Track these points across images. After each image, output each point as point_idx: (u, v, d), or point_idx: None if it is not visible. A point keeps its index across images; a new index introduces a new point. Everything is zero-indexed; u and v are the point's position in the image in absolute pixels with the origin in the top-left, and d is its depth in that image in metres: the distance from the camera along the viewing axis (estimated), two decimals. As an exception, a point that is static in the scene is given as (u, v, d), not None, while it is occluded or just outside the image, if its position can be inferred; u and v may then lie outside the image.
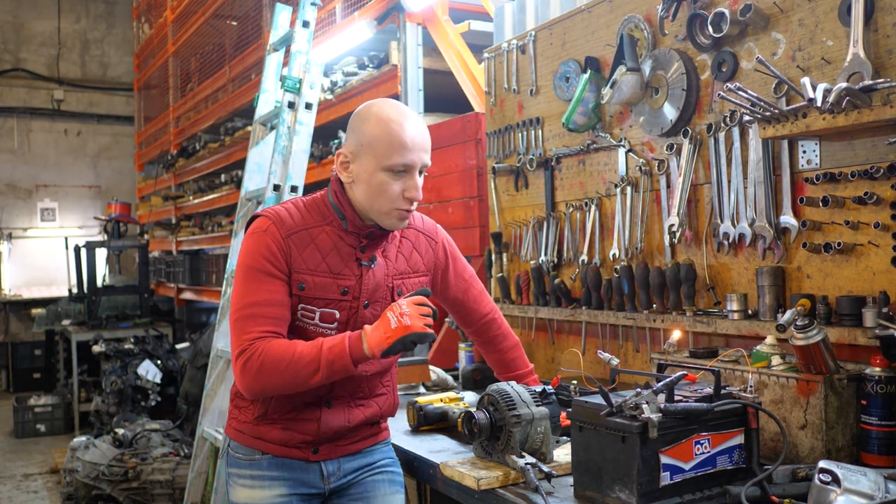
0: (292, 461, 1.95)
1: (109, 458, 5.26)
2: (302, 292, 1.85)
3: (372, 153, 1.83)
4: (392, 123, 1.83)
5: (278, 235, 1.85)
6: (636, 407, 1.53)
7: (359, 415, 1.97)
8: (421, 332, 1.73)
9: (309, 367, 1.74)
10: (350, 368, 1.76)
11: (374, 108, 1.88)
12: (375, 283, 1.92)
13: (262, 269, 1.83)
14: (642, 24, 2.55)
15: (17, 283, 11.77)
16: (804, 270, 2.09)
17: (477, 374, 2.80)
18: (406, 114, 1.87)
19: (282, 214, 1.89)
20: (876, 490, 1.40)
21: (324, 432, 1.93)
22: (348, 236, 1.90)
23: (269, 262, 1.83)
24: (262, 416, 1.92)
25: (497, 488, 1.75)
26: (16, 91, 11.84)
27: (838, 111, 1.83)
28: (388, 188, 1.83)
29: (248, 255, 1.86)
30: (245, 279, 1.84)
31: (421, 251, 2.04)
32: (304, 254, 1.86)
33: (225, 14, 7.32)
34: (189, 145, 8.40)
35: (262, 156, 3.70)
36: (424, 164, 1.87)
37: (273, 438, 1.93)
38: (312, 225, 1.89)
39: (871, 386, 1.71)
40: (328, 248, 1.88)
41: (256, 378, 1.76)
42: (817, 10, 2.01)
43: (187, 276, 8.23)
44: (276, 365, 1.75)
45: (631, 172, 2.63)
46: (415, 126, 1.86)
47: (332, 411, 1.93)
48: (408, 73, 4.28)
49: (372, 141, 1.83)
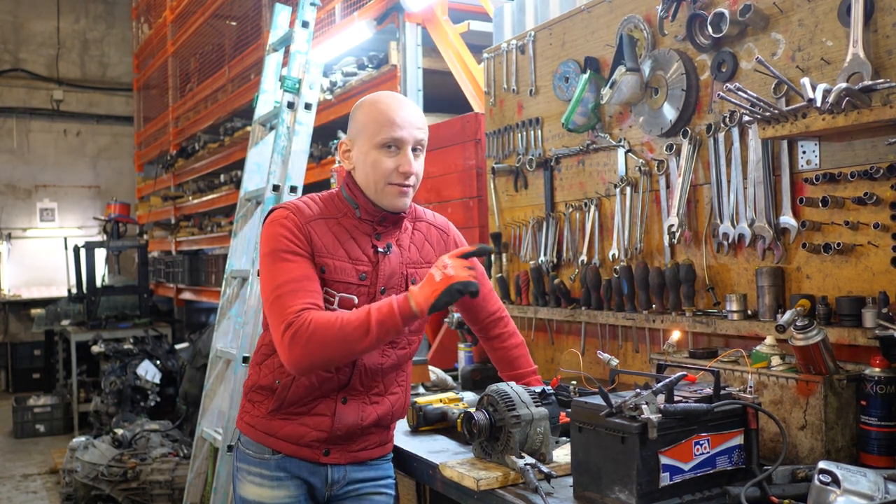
0: (300, 462, 1.96)
1: (109, 458, 5.26)
2: (323, 275, 1.90)
3: (365, 134, 1.93)
4: (381, 104, 1.94)
5: (298, 222, 1.90)
6: (636, 407, 1.53)
7: (372, 413, 1.99)
8: (466, 280, 1.73)
9: (359, 330, 1.75)
10: (399, 327, 1.76)
11: (369, 96, 2.01)
12: (391, 270, 1.97)
13: (289, 249, 1.87)
14: (642, 24, 2.55)
15: (16, 284, 11.77)
16: (804, 271, 2.09)
17: (476, 374, 2.80)
18: (397, 97, 1.97)
19: (299, 205, 1.96)
20: (875, 491, 1.40)
21: (337, 428, 1.94)
22: (363, 224, 1.97)
23: (293, 243, 1.88)
24: (277, 409, 1.94)
25: (496, 489, 1.75)
26: (15, 91, 11.84)
27: (838, 111, 1.83)
28: (382, 164, 1.91)
29: (272, 240, 1.89)
30: (274, 262, 1.87)
31: (433, 243, 2.09)
32: (323, 239, 1.91)
33: (224, 14, 7.32)
34: (188, 145, 8.40)
35: (261, 156, 3.70)
36: (417, 140, 1.94)
37: (285, 435, 1.94)
38: (329, 216, 1.96)
39: (871, 386, 1.71)
40: (345, 236, 1.94)
41: (306, 348, 1.76)
42: (817, 10, 2.01)
43: (186, 276, 8.23)
44: (327, 331, 1.75)
45: (630, 173, 2.63)
46: (406, 106, 1.95)
47: (347, 407, 1.95)
48: (407, 73, 4.28)
49: (364, 124, 1.94)
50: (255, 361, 2.05)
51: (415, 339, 2.07)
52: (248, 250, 3.54)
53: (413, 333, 2.05)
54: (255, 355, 2.06)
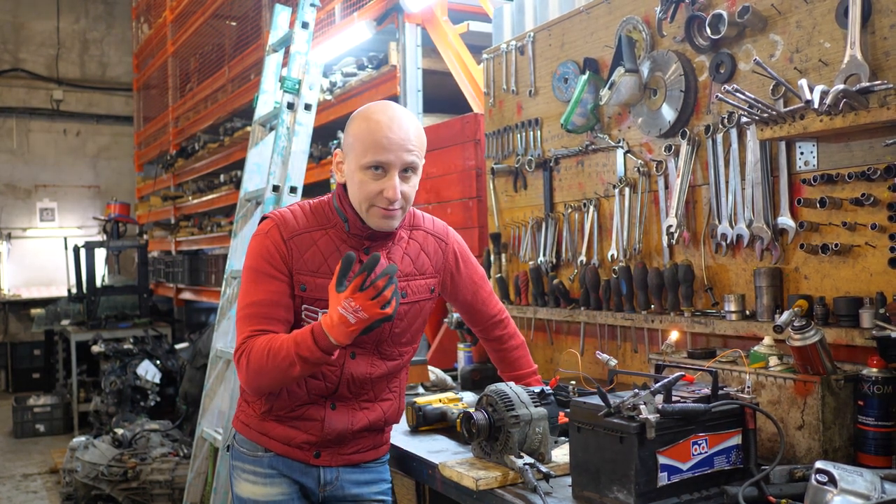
0: (292, 462, 1.96)
1: (109, 458, 5.26)
2: (304, 293, 1.88)
3: (353, 152, 1.86)
4: (371, 122, 1.83)
5: (279, 238, 1.88)
6: (634, 407, 1.54)
7: (362, 419, 1.97)
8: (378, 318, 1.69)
9: (285, 362, 1.76)
10: (326, 359, 1.76)
11: (364, 108, 1.90)
12: None
13: (263, 270, 1.88)
14: (641, 25, 2.55)
15: (16, 283, 11.76)
16: (802, 271, 2.10)
17: (476, 374, 2.81)
18: (392, 114, 1.85)
19: (286, 217, 1.92)
20: (872, 490, 1.41)
21: (327, 433, 1.93)
22: (351, 238, 1.92)
23: (268, 263, 1.87)
24: (268, 411, 1.95)
25: (495, 488, 1.76)
26: (15, 91, 11.84)
27: (835, 113, 1.84)
28: (366, 187, 1.84)
29: (251, 257, 1.91)
30: (247, 280, 1.90)
31: (429, 253, 2.04)
32: (305, 256, 1.88)
33: (224, 14, 7.32)
34: (188, 145, 8.40)
35: (261, 156, 3.71)
36: (406, 163, 1.83)
37: (277, 435, 1.95)
38: (315, 228, 1.92)
39: (868, 387, 1.72)
40: (330, 250, 1.90)
41: (247, 375, 1.83)
42: (815, 12, 2.02)
43: (186, 276, 8.23)
44: (259, 360, 1.79)
45: (629, 173, 2.64)
46: (397, 126, 1.83)
47: (336, 413, 1.94)
48: (407, 73, 4.28)
49: (353, 140, 1.86)
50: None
51: (407, 351, 2.04)
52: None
53: (406, 345, 2.02)
54: None
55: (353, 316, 1.68)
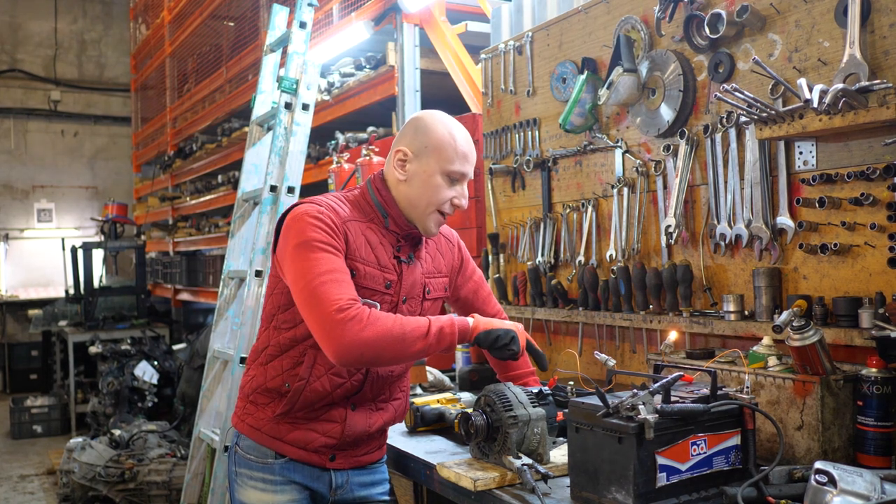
0: (305, 467, 1.95)
1: (106, 459, 5.25)
2: (353, 279, 1.84)
3: (436, 156, 1.91)
4: (457, 134, 1.95)
5: (335, 219, 1.86)
6: (633, 408, 1.53)
7: (378, 419, 2.01)
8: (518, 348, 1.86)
9: (417, 332, 1.74)
10: (454, 340, 1.79)
11: (440, 115, 1.99)
12: (413, 280, 1.98)
13: (326, 241, 1.81)
14: (639, 25, 2.55)
15: (13, 284, 11.75)
16: (801, 271, 2.09)
17: (474, 375, 2.80)
18: (464, 130, 2.00)
19: (332, 204, 1.91)
20: (872, 491, 1.41)
21: (347, 434, 1.94)
22: (389, 235, 1.96)
23: (330, 237, 1.82)
24: (286, 413, 1.92)
25: (494, 489, 1.75)
26: (12, 92, 11.82)
27: (834, 112, 1.83)
28: (442, 191, 1.92)
29: (306, 231, 1.81)
30: (310, 252, 1.78)
31: (443, 253, 2.13)
32: (357, 241, 1.89)
33: (222, 15, 7.31)
34: (186, 146, 8.39)
35: (259, 157, 3.70)
36: (470, 177, 2.00)
37: (293, 440, 1.93)
38: (362, 219, 1.94)
39: (868, 387, 1.71)
40: (375, 242, 1.93)
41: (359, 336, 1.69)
42: (814, 11, 2.02)
43: (184, 276, 8.22)
44: (385, 324, 1.71)
45: (628, 173, 2.63)
46: (469, 142, 1.98)
47: (357, 413, 1.96)
48: (405, 73, 4.28)
49: (438, 145, 1.91)
50: (259, 362, 1.99)
51: None
52: (246, 251, 3.53)
53: None
54: (260, 356, 1.99)
55: (510, 326, 1.87)
